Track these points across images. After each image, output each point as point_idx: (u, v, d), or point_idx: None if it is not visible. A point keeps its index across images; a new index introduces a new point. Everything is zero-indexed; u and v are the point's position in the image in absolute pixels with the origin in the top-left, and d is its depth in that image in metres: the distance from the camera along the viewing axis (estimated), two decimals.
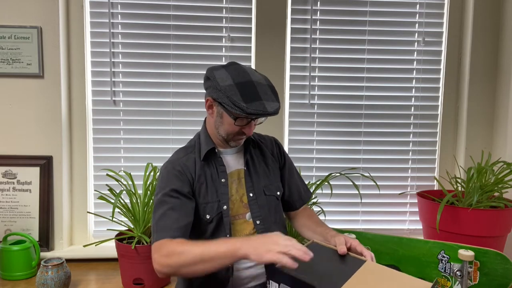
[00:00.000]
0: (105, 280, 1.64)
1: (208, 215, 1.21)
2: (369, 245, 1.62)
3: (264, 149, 1.35)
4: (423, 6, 1.98)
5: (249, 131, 1.20)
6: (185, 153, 1.28)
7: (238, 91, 1.11)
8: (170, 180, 1.20)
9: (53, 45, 1.79)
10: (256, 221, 1.25)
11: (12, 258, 1.62)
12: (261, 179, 1.29)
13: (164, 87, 1.92)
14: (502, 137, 1.94)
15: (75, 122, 1.89)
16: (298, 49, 1.96)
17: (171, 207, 1.16)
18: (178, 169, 1.22)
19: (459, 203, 1.67)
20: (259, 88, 1.14)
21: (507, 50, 1.92)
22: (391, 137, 2.03)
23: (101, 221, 1.89)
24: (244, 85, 1.13)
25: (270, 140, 1.40)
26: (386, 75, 2.00)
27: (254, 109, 1.10)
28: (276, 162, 1.36)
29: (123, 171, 1.73)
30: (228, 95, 1.11)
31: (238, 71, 1.16)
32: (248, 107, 1.09)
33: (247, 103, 1.10)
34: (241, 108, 1.09)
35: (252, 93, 1.12)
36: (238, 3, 1.91)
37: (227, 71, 1.16)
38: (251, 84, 1.14)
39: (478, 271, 1.38)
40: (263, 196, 1.28)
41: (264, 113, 1.11)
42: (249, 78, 1.15)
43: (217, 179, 1.24)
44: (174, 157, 1.28)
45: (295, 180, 1.41)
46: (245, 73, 1.16)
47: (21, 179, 1.80)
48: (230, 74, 1.15)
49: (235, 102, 1.10)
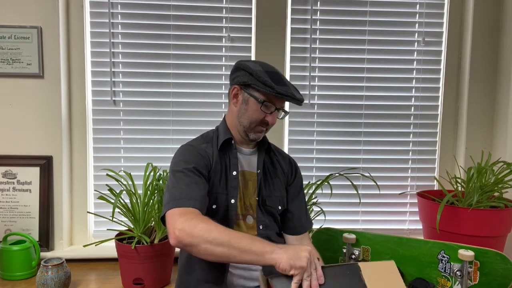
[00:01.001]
0: (105, 280, 1.64)
1: (215, 205, 1.20)
2: (369, 245, 1.62)
3: (274, 161, 1.35)
4: (423, 6, 1.98)
5: (272, 119, 1.22)
6: (203, 141, 1.27)
7: (267, 76, 1.17)
8: (193, 158, 1.18)
9: (53, 45, 1.79)
10: (260, 226, 1.25)
11: (12, 258, 1.62)
12: (268, 188, 1.29)
13: (164, 87, 1.92)
14: (502, 137, 1.94)
15: (75, 122, 1.89)
16: (298, 49, 1.96)
17: (195, 182, 1.12)
18: (200, 152, 1.21)
19: (459, 203, 1.67)
20: (285, 81, 1.22)
21: (507, 50, 1.92)
22: (391, 137, 2.03)
23: (101, 221, 1.89)
24: (273, 73, 1.20)
25: (285, 156, 1.40)
26: (386, 75, 2.00)
27: (284, 90, 1.15)
28: (284, 176, 1.35)
29: (123, 171, 1.73)
30: (260, 76, 1.16)
31: (266, 64, 1.25)
32: (278, 88, 1.15)
33: (277, 84, 1.16)
34: (272, 87, 1.15)
35: (281, 80, 1.19)
36: (238, 3, 1.91)
37: (255, 62, 1.23)
38: (279, 75, 1.22)
39: (478, 271, 1.38)
40: (265, 204, 1.28)
41: (293, 97, 1.16)
42: (277, 71, 1.23)
43: (229, 172, 1.24)
44: (193, 142, 1.26)
45: (300, 204, 1.37)
46: (270, 66, 1.24)
47: (21, 179, 1.80)
48: (260, 64, 1.22)
49: (266, 81, 1.15)
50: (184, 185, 1.10)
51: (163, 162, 1.91)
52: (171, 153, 1.93)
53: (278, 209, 1.31)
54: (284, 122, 1.97)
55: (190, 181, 1.12)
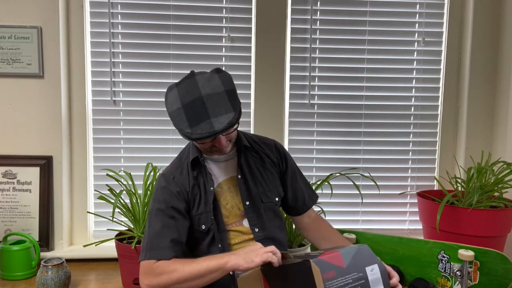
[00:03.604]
0: (105, 280, 1.64)
1: (204, 225, 1.21)
2: (369, 245, 1.62)
3: (261, 154, 1.32)
4: (423, 6, 1.98)
5: (219, 144, 1.16)
6: (179, 163, 1.27)
7: (184, 115, 1.09)
8: (165, 196, 1.20)
9: (53, 45, 1.79)
10: (255, 229, 1.24)
11: (12, 258, 1.62)
12: (257, 186, 1.27)
13: (164, 87, 1.92)
14: (502, 137, 1.94)
15: (75, 122, 1.89)
16: (298, 49, 1.96)
17: (165, 225, 1.16)
18: (172, 185, 1.22)
19: (459, 203, 1.67)
20: (208, 104, 1.09)
21: (507, 50, 1.92)
22: (391, 137, 2.03)
23: (101, 221, 1.89)
24: (190, 105, 1.09)
25: (270, 144, 1.37)
26: (386, 75, 2.00)
27: (200, 132, 1.07)
28: (276, 167, 1.34)
29: (123, 171, 1.73)
30: (175, 122, 1.12)
31: (188, 87, 1.12)
32: (193, 132, 1.08)
33: (192, 127, 1.08)
34: (186, 135, 1.10)
35: (198, 113, 1.08)
36: (238, 3, 1.91)
37: (178, 91, 1.13)
38: (199, 101, 1.09)
39: (478, 271, 1.38)
40: (260, 203, 1.26)
41: (211, 133, 1.07)
42: (198, 94, 1.10)
43: (207, 188, 1.23)
44: (168, 170, 1.28)
45: (299, 184, 1.38)
46: (194, 89, 1.11)
47: (21, 179, 1.80)
48: (179, 95, 1.12)
49: (181, 129, 1.10)
50: (154, 233, 1.16)
51: (163, 162, 1.91)
52: (171, 153, 1.93)
53: (276, 201, 1.30)
54: (284, 122, 1.98)
55: (161, 225, 1.17)
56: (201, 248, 1.25)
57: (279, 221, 1.32)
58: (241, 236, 1.24)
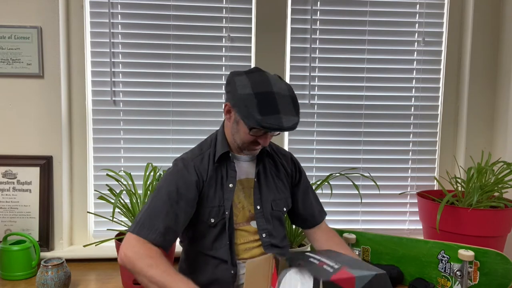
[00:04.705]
0: (105, 280, 1.64)
1: (213, 219, 1.20)
2: (369, 245, 1.62)
3: (278, 163, 1.33)
4: (423, 6, 1.98)
5: (264, 141, 1.17)
6: (200, 152, 1.25)
7: (256, 102, 1.07)
8: (179, 181, 1.17)
9: (53, 45, 1.79)
10: (262, 234, 1.25)
11: (12, 258, 1.61)
12: (270, 193, 1.28)
13: (164, 87, 1.92)
14: (502, 137, 1.94)
15: (75, 122, 1.89)
16: (298, 49, 1.96)
17: (166, 210, 1.13)
18: (191, 171, 1.19)
19: (459, 203, 1.67)
20: (279, 100, 1.10)
21: (507, 50, 1.92)
22: (391, 137, 2.03)
23: (101, 221, 1.89)
24: (263, 95, 1.09)
25: (287, 155, 1.39)
26: (386, 75, 2.00)
27: (270, 123, 1.06)
28: (289, 178, 1.35)
29: (123, 171, 1.73)
30: (246, 104, 1.08)
31: (260, 79, 1.12)
32: (263, 120, 1.06)
33: (263, 116, 1.06)
34: (256, 120, 1.07)
35: (271, 105, 1.08)
36: (238, 3, 1.91)
37: (248, 78, 1.12)
38: (271, 95, 1.09)
39: (478, 271, 1.38)
40: (270, 210, 1.27)
41: (280, 128, 1.07)
42: (270, 89, 1.10)
43: (225, 184, 1.22)
44: (189, 155, 1.25)
45: (309, 200, 1.39)
46: (267, 83, 1.11)
47: (21, 179, 1.80)
48: (251, 82, 1.11)
49: (251, 113, 1.07)
50: (153, 213, 1.13)
51: (163, 162, 1.91)
52: (171, 153, 1.93)
53: (283, 211, 1.32)
54: None
55: (162, 208, 1.13)
56: (204, 243, 1.24)
57: (283, 230, 1.33)
58: (247, 236, 1.25)
